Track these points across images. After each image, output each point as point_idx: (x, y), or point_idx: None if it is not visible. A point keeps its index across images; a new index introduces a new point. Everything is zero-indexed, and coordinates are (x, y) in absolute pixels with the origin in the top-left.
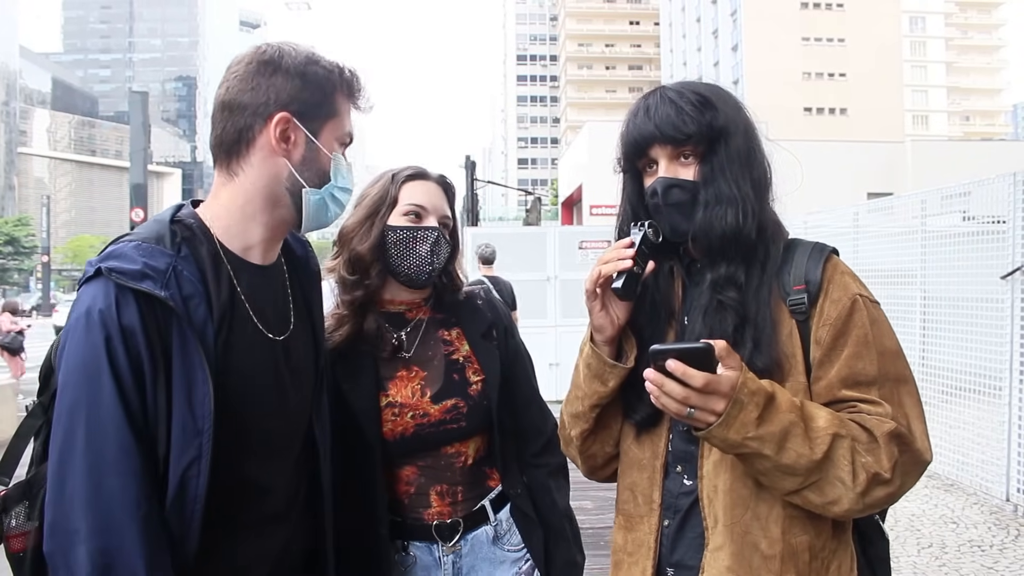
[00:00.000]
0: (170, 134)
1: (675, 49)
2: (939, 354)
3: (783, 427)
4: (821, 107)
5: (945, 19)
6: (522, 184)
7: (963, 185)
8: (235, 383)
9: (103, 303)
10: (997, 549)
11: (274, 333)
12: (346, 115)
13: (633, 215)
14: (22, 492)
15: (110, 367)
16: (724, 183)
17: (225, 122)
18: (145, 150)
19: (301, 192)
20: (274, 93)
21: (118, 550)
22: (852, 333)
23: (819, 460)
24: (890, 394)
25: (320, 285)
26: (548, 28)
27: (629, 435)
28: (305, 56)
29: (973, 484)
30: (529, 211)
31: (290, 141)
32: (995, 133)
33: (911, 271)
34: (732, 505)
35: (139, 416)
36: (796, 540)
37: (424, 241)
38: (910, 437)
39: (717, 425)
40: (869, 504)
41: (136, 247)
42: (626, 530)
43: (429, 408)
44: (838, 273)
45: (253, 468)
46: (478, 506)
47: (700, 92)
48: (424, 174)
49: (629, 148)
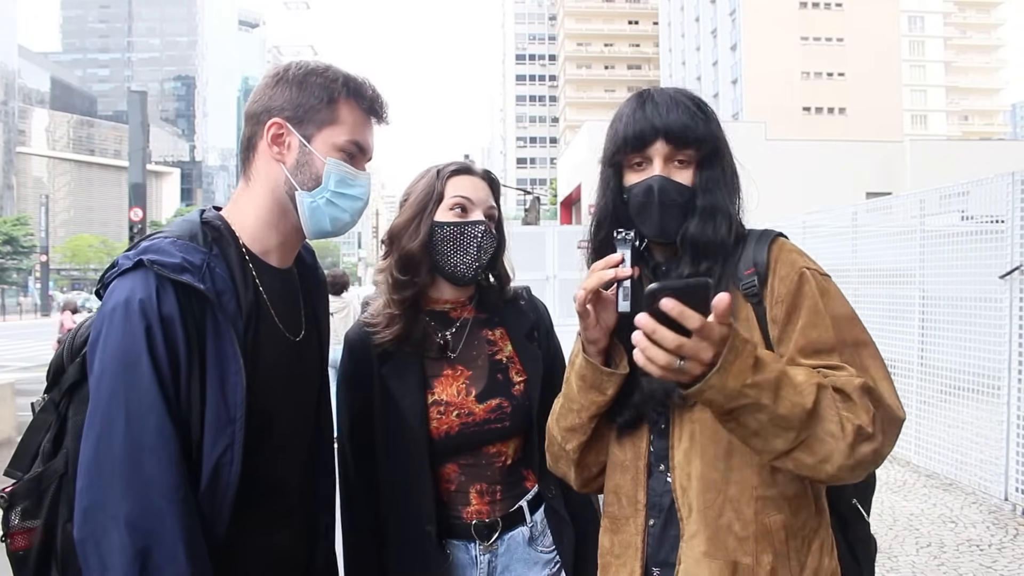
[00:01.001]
0: (169, 134)
1: (674, 49)
2: (938, 353)
3: (776, 375)
4: (820, 107)
5: (944, 19)
6: (521, 183)
7: (962, 185)
8: (259, 377)
9: (143, 293)
10: (996, 548)
11: (291, 334)
12: (351, 124)
13: (614, 213)
14: (30, 488)
15: (149, 355)
16: (720, 195)
17: (244, 132)
18: (144, 150)
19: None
20: (271, 102)
21: (157, 533)
22: (803, 305)
23: (810, 410)
24: (851, 358)
25: (327, 294)
26: (547, 27)
27: (613, 439)
28: (311, 68)
29: (972, 483)
30: (528, 211)
31: (283, 145)
32: (994, 133)
33: (910, 271)
34: (704, 490)
35: (175, 403)
36: (770, 519)
37: (472, 236)
38: (879, 392)
39: (716, 372)
40: (859, 460)
41: (172, 243)
42: (612, 532)
43: (474, 407)
44: (784, 251)
45: (271, 462)
46: (515, 507)
47: (698, 100)
48: (469, 168)
49: (629, 140)
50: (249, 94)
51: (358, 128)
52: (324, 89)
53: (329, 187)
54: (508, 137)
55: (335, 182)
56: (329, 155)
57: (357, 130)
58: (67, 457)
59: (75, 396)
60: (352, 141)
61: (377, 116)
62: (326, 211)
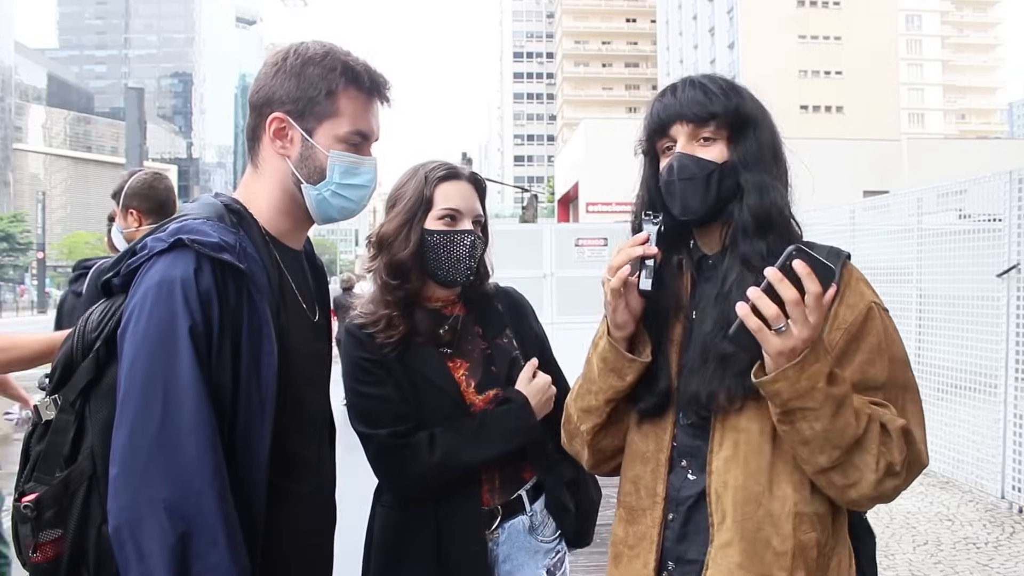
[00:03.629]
0: (166, 130)
1: (671, 47)
2: (935, 352)
3: (844, 392)
4: (817, 105)
5: (941, 17)
6: (518, 181)
7: (959, 183)
8: (289, 356)
9: (181, 272)
10: (992, 546)
11: (310, 314)
12: (352, 114)
13: (649, 199)
14: (57, 494)
15: (189, 334)
16: (762, 168)
17: (248, 121)
18: (141, 146)
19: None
20: (272, 94)
21: (198, 517)
22: (866, 339)
23: (860, 436)
24: (895, 398)
25: (327, 280)
26: (544, 25)
27: (634, 427)
28: (308, 57)
29: (968, 482)
30: (525, 208)
31: (286, 139)
32: (991, 131)
33: (907, 269)
34: (744, 501)
35: (211, 383)
36: (806, 537)
37: (461, 245)
38: (913, 437)
39: (795, 364)
40: (881, 493)
41: (205, 223)
42: (627, 523)
43: (474, 398)
44: (854, 279)
45: (298, 440)
46: (515, 495)
47: (728, 80)
48: (456, 173)
49: (652, 126)
50: (246, 91)
51: (360, 116)
52: (323, 80)
53: (334, 179)
54: (505, 135)
55: (340, 173)
56: (332, 147)
57: (359, 119)
58: (93, 457)
59: (92, 394)
60: (355, 131)
61: (380, 98)
62: (333, 202)
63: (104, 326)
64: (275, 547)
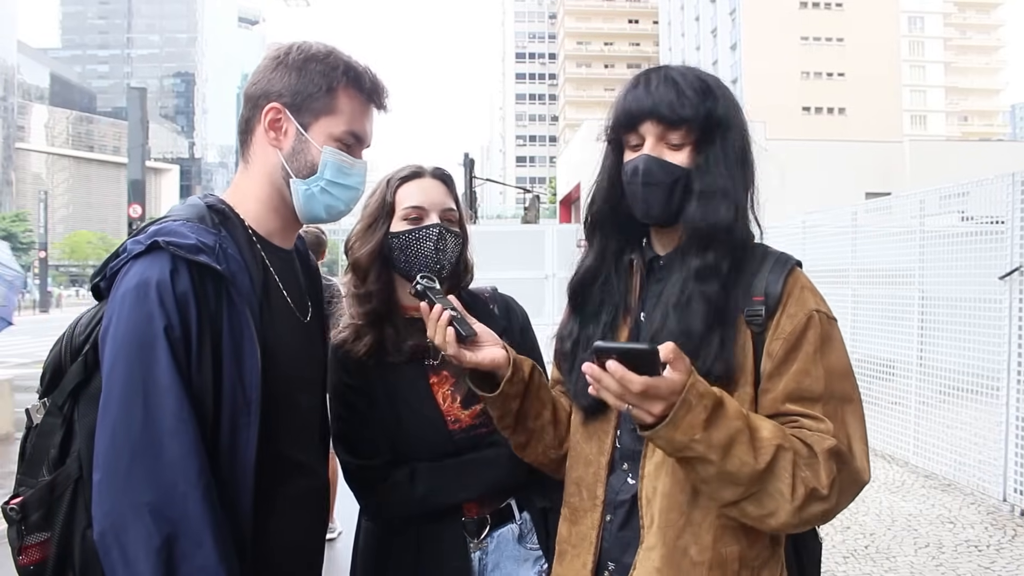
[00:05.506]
0: (168, 130)
1: (674, 48)
2: (937, 354)
3: (730, 433)
4: (820, 107)
5: (944, 19)
6: (520, 182)
7: (961, 185)
8: (276, 357)
9: (158, 274)
10: (994, 549)
11: (300, 314)
12: (349, 114)
13: (609, 189)
14: (42, 497)
15: (165, 336)
16: (720, 176)
17: (242, 113)
18: (143, 146)
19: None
20: (270, 86)
21: (183, 520)
22: (803, 348)
23: (762, 471)
24: (834, 412)
25: (321, 282)
26: (547, 26)
27: (578, 430)
28: (312, 53)
29: (970, 484)
30: (527, 209)
31: (280, 131)
32: (993, 133)
33: (909, 271)
34: (668, 508)
35: (191, 385)
36: (727, 550)
37: (427, 239)
38: (849, 456)
39: (664, 425)
40: (804, 519)
41: (183, 225)
42: (571, 523)
43: (460, 414)
44: (798, 288)
45: (289, 443)
46: (504, 503)
47: (703, 79)
48: (418, 172)
49: (620, 118)
50: None
51: (356, 118)
52: (324, 77)
53: (325, 176)
54: (508, 135)
55: (331, 171)
56: (326, 144)
57: (355, 120)
58: (80, 460)
59: (80, 397)
60: (350, 132)
61: (377, 104)
62: (321, 199)
63: (91, 330)
64: (263, 550)
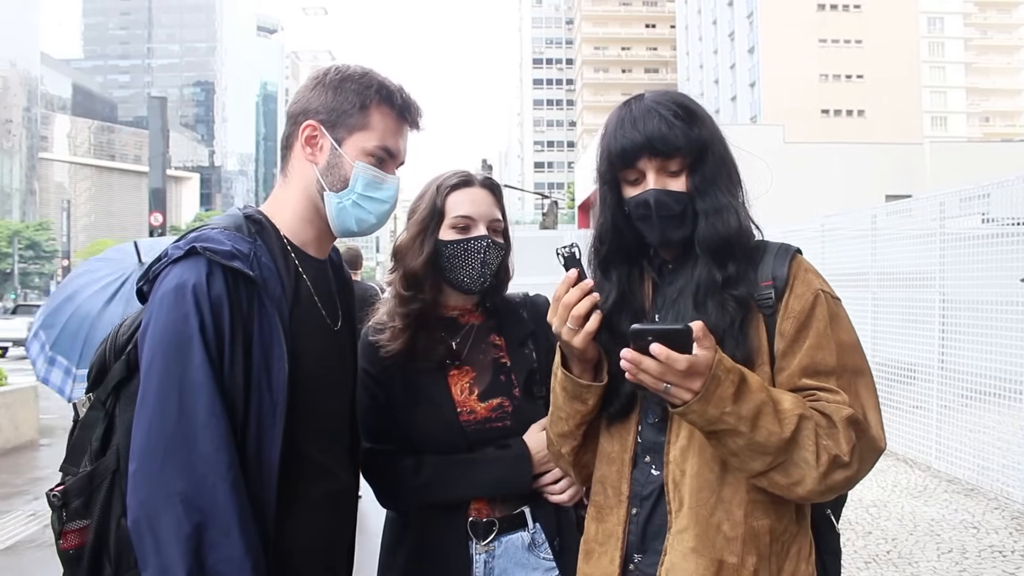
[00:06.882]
0: (188, 139)
1: (691, 52)
2: (959, 357)
3: (756, 404)
4: (839, 109)
5: (964, 19)
6: (538, 188)
7: (983, 187)
8: (303, 362)
9: (195, 278)
10: (1019, 555)
11: (331, 322)
12: (382, 130)
13: (614, 227)
14: (82, 486)
15: (200, 335)
16: (718, 193)
17: (284, 131)
18: (164, 155)
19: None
20: (308, 104)
21: (212, 510)
22: (813, 325)
23: (787, 439)
24: (847, 384)
25: (354, 293)
26: (564, 32)
27: (602, 430)
28: (348, 74)
29: (994, 489)
30: (546, 215)
31: (316, 147)
32: (1015, 134)
33: (930, 274)
34: (698, 488)
35: (223, 383)
36: (758, 523)
37: (475, 252)
38: (865, 424)
39: (697, 400)
40: (830, 486)
41: (221, 233)
42: (597, 521)
43: (476, 406)
44: (802, 270)
45: (312, 445)
46: (517, 510)
47: (683, 104)
48: (468, 180)
49: (616, 159)
50: (268, 99)
51: (389, 134)
52: (358, 95)
53: (356, 189)
54: (526, 141)
55: (362, 185)
56: (358, 159)
57: (388, 136)
58: (118, 453)
59: (122, 394)
60: (382, 147)
61: (409, 122)
62: (352, 212)
63: (134, 330)
64: (280, 550)
